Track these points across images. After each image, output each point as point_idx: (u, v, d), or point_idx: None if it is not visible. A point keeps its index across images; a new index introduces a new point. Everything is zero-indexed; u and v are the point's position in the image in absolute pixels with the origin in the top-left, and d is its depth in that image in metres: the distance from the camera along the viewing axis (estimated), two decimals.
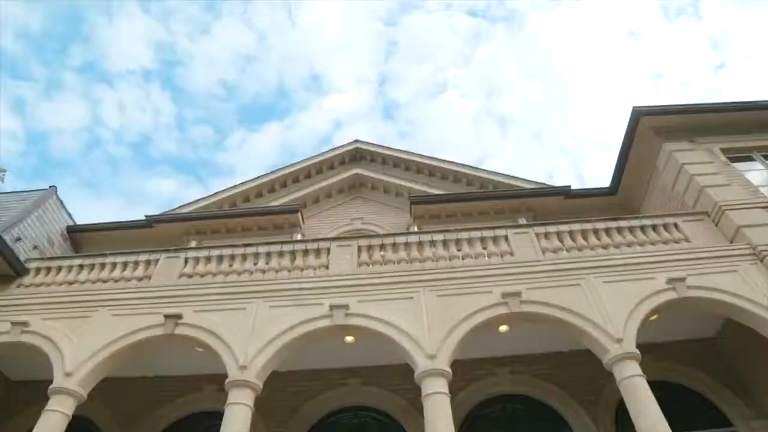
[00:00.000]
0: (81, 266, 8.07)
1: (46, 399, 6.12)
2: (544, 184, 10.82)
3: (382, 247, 7.85)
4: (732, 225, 7.43)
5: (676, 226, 7.80)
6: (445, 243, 7.79)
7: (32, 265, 8.13)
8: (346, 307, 6.68)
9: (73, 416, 6.26)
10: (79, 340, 6.67)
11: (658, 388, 7.44)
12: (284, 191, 11.95)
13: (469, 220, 10.55)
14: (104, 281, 7.77)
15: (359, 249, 7.81)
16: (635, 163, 9.80)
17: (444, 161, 11.87)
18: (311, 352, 7.26)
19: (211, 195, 11.48)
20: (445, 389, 5.76)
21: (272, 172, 11.97)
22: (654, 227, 7.79)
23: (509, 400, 7.61)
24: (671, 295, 6.50)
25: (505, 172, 11.18)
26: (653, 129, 9.30)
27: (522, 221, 10.12)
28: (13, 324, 6.86)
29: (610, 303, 6.42)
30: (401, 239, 7.93)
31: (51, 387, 6.15)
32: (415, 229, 10.38)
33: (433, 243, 7.79)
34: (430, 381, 5.81)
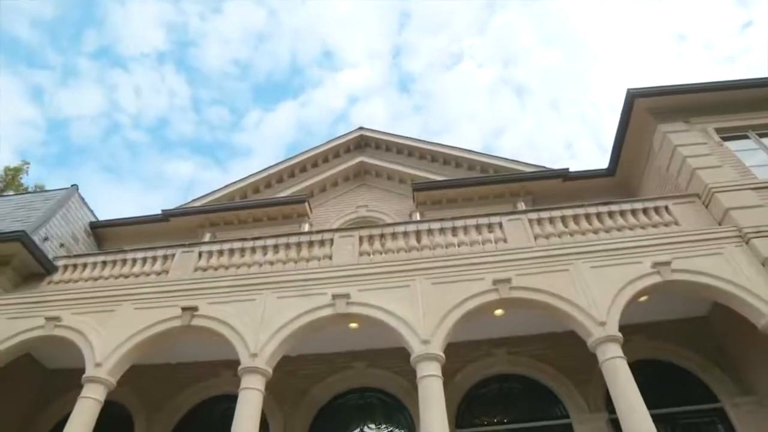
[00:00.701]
0: (104, 262, 8.69)
1: (80, 386, 6.79)
2: (544, 167, 11.04)
3: (382, 236, 8.27)
4: (720, 207, 7.62)
5: (666, 209, 8.02)
6: (441, 231, 8.17)
7: (60, 262, 8.79)
8: (347, 296, 7.15)
9: (106, 402, 6.94)
10: (106, 333, 7.31)
11: (648, 366, 7.95)
12: (292, 181, 12.41)
13: (469, 204, 10.90)
14: (126, 276, 8.38)
15: (360, 239, 8.25)
16: (632, 145, 9.95)
17: (446, 146, 12.15)
18: (319, 337, 7.75)
19: (222, 188, 12.00)
20: (438, 372, 6.22)
21: (280, 162, 12.42)
22: (645, 210, 8.03)
23: (505, 380, 8.08)
24: (656, 279, 6.79)
25: (505, 156, 11.47)
26: (648, 110, 9.42)
27: (521, 205, 10.42)
28: (47, 319, 7.52)
29: (596, 287, 6.75)
30: (400, 228, 8.35)
31: (84, 376, 6.81)
32: (418, 215, 10.77)
33: (430, 231, 8.18)
34: (424, 365, 6.29)
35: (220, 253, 8.51)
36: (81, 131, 62.44)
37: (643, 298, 7.07)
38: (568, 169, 10.68)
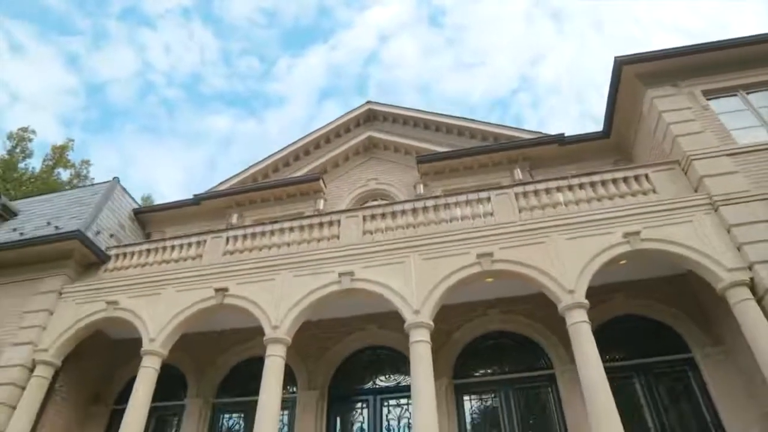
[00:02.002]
0: (148, 250, 10.11)
1: (140, 354, 8.34)
2: (541, 132, 11.51)
3: (383, 215, 9.23)
4: (696, 175, 8.06)
5: (646, 177, 8.53)
6: (435, 208, 9.04)
7: (112, 252, 10.28)
8: (351, 273, 8.27)
9: (163, 364, 8.52)
10: (155, 313, 8.78)
11: (628, 321, 8.78)
12: (307, 158, 13.39)
13: (470, 173, 11.62)
14: (167, 262, 9.77)
15: (364, 218, 9.26)
16: (623, 109, 10.27)
17: (449, 116, 12.72)
18: (336, 304, 8.94)
19: (245, 169, 13.16)
20: (427, 338, 7.33)
21: (295, 142, 13.39)
22: (625, 179, 8.58)
23: (499, 336, 9.11)
24: (625, 248, 7.46)
25: (505, 124, 11.95)
26: (637, 75, 9.66)
27: (517, 172, 11.05)
28: (108, 303, 9.06)
29: (568, 258, 7.54)
30: (398, 207, 9.27)
31: (142, 350, 8.35)
32: (422, 186, 11.60)
33: (425, 209, 9.07)
34: (415, 331, 7.40)
35: (244, 237, 9.73)
36: (118, 94, 64.80)
37: (622, 262, 7.82)
38: (563, 134, 11.13)
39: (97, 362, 10.04)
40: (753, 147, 8.17)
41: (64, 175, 35.34)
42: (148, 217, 12.99)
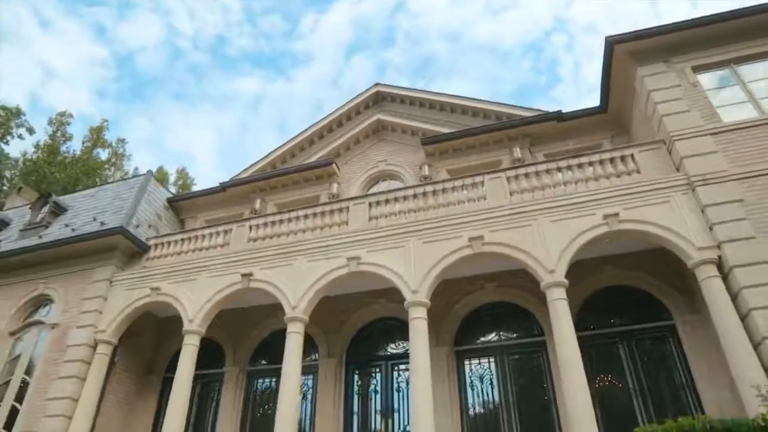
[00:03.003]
0: (182, 240, 11.37)
1: (182, 331, 9.71)
2: (540, 110, 11.92)
3: (387, 201, 10.10)
4: (678, 155, 8.50)
5: (632, 157, 9.01)
6: (434, 193, 9.83)
7: (151, 242, 11.60)
8: (358, 258, 9.26)
9: (204, 338, 9.90)
10: (192, 297, 10.09)
11: (615, 291, 9.48)
12: (322, 142, 14.24)
13: (472, 151, 12.24)
14: (200, 250, 11.01)
15: (370, 205, 10.15)
16: (618, 86, 10.54)
17: (453, 96, 13.22)
18: (351, 282, 9.96)
19: (265, 156, 14.17)
20: (424, 315, 8.31)
21: (309, 127, 14.23)
22: (612, 160, 9.10)
23: (496, 307, 10.00)
24: (604, 230, 8.09)
25: (507, 102, 12.33)
26: (629, 54, 9.90)
27: (516, 150, 11.59)
28: (151, 289, 10.43)
29: (551, 240, 8.26)
30: (401, 193, 10.10)
31: (183, 329, 9.71)
32: (427, 166, 12.32)
33: (425, 194, 9.87)
34: (413, 309, 8.39)
35: (265, 225, 10.83)
36: (147, 62, 66.44)
37: (607, 240, 8.49)
38: (561, 111, 11.52)
39: (148, 338, 11.57)
40: (735, 125, 8.46)
41: (103, 154, 37.51)
42: (181, 205, 14.27)
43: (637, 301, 9.27)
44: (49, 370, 9.97)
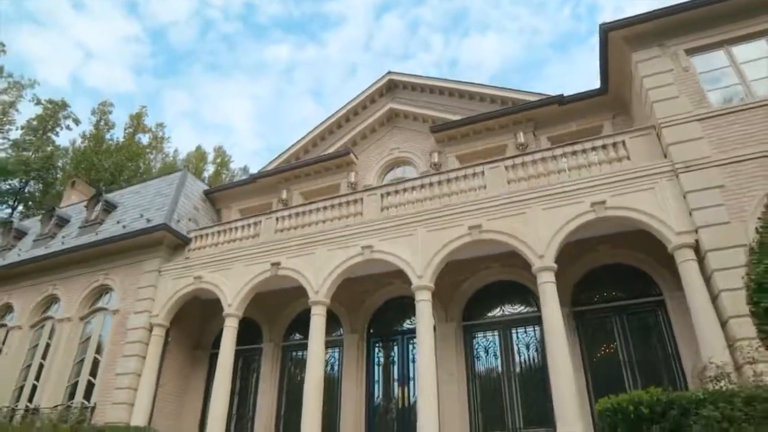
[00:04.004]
0: (219, 232, 12.71)
1: (223, 312, 11.14)
2: (543, 94, 12.38)
3: (396, 192, 11.02)
4: (665, 142, 9.00)
5: (623, 144, 9.53)
6: (439, 183, 10.66)
7: (192, 234, 13.01)
8: (371, 246, 10.32)
9: (244, 318, 11.34)
10: (230, 284, 11.46)
11: (611, 269, 10.18)
12: (340, 131, 15.16)
13: (479, 136, 12.90)
14: (234, 241, 12.33)
15: (382, 196, 11.11)
16: (615, 70, 10.89)
17: (461, 82, 13.79)
18: (366, 267, 11.07)
19: (288, 148, 15.29)
20: (428, 298, 9.34)
21: (327, 118, 15.17)
22: (604, 146, 9.64)
23: (499, 284, 10.91)
24: (590, 217, 8.77)
25: (513, 87, 12.84)
26: (623, 39, 10.21)
27: (520, 135, 12.18)
28: (194, 278, 11.87)
29: (542, 227, 9.03)
30: (409, 184, 11.00)
31: (224, 313, 11.14)
32: (436, 154, 13.08)
33: (431, 185, 10.73)
34: (419, 292, 9.43)
35: (290, 216, 11.99)
36: (179, 35, 68.16)
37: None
38: (563, 94, 11.96)
39: (195, 319, 13.15)
40: (722, 110, 8.79)
41: (144, 139, 39.61)
42: (216, 196, 15.63)
43: (630, 278, 9.96)
44: (115, 350, 11.69)
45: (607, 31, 10.17)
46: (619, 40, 10.27)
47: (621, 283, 10.07)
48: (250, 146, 66.39)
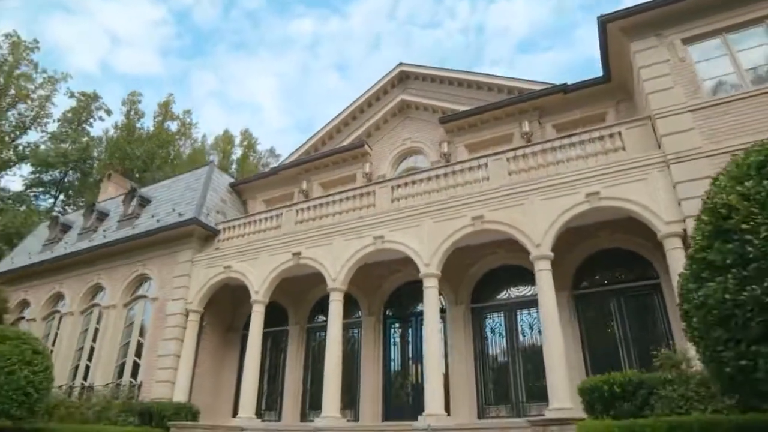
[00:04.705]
0: (244, 224, 13.71)
1: (251, 298, 12.21)
2: (548, 83, 12.72)
3: (406, 184, 11.72)
4: (658, 133, 9.39)
5: (619, 134, 9.94)
6: (445, 175, 11.30)
7: (220, 226, 14.05)
8: (382, 237, 11.11)
9: (271, 302, 12.39)
10: (256, 272, 12.48)
11: (611, 253, 10.70)
12: (355, 123, 15.83)
13: (487, 126, 13.39)
14: (258, 232, 13.31)
15: (392, 188, 11.84)
16: (616, 59, 11.18)
17: (469, 72, 14.23)
18: (378, 256, 11.89)
19: (307, 141, 16.13)
20: (435, 284, 10.13)
21: (342, 111, 15.85)
22: (601, 138, 10.08)
23: (505, 269, 11.57)
24: (585, 207, 9.32)
25: (520, 77, 13.23)
26: (621, 30, 10.49)
27: (525, 124, 12.62)
28: (224, 267, 12.94)
29: (540, 217, 9.62)
30: (417, 176, 11.68)
31: (251, 299, 12.20)
32: (446, 144, 13.64)
33: (437, 177, 11.38)
34: (426, 279, 10.23)
35: (308, 209, 12.85)
36: (203, 15, 69.14)
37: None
38: (566, 83, 12.30)
39: (226, 303, 14.30)
40: (714, 101, 9.10)
41: (173, 126, 41.01)
42: (242, 188, 16.64)
43: (628, 262, 10.49)
44: (156, 333, 12.96)
45: (604, 22, 10.46)
46: (617, 31, 10.55)
47: (619, 267, 10.61)
48: (276, 124, 67.59)
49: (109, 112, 38.16)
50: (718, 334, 3.30)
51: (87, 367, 14.00)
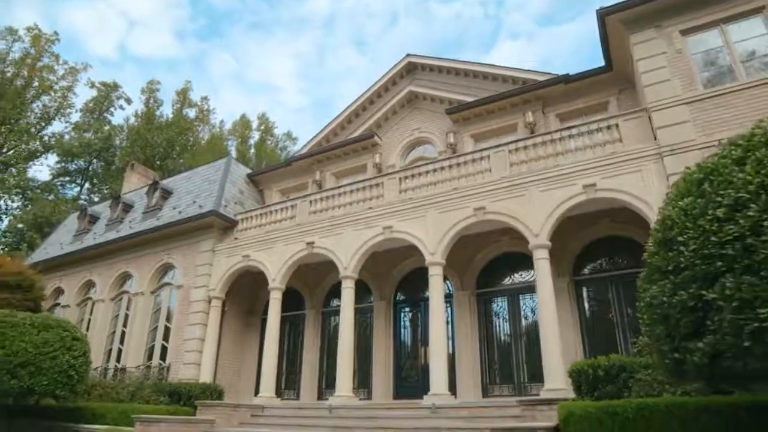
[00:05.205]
0: (261, 214, 14.42)
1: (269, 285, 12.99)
2: (551, 73, 12.99)
3: (413, 176, 12.23)
4: (654, 126, 9.70)
5: (617, 126, 10.27)
6: (450, 167, 11.77)
7: (239, 217, 14.79)
8: (390, 227, 11.70)
9: (288, 288, 13.17)
10: (272, 261, 13.23)
11: (611, 240, 11.12)
12: (365, 114, 16.30)
13: (492, 116, 13.75)
14: (274, 222, 14.01)
15: (400, 180, 12.37)
16: (617, 50, 11.40)
17: (474, 63, 14.52)
18: (386, 245, 12.50)
19: (319, 132, 16.65)
20: (440, 272, 10.71)
21: (353, 102, 16.34)
22: (599, 129, 10.41)
23: (508, 256, 12.08)
24: (582, 198, 9.74)
25: (523, 67, 13.50)
26: (620, 22, 10.71)
27: (529, 115, 12.95)
28: (243, 256, 13.71)
29: (539, 208, 10.08)
30: (423, 168, 12.18)
31: (269, 287, 12.97)
32: (452, 134, 14.06)
33: (442, 168, 11.86)
34: (431, 267, 10.81)
35: (321, 200, 13.48)
36: None
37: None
38: (568, 74, 12.56)
39: (247, 289, 15.12)
40: (709, 94, 9.34)
41: (191, 113, 41.88)
42: (258, 178, 17.34)
43: (627, 249, 10.90)
44: (182, 318, 13.88)
45: (603, 16, 10.69)
46: (616, 23, 10.77)
47: (618, 253, 11.05)
48: (294, 103, 68.09)
49: (128, 101, 39.21)
50: (659, 331, 3.84)
51: (119, 350, 15.06)
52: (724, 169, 3.58)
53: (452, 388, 10.82)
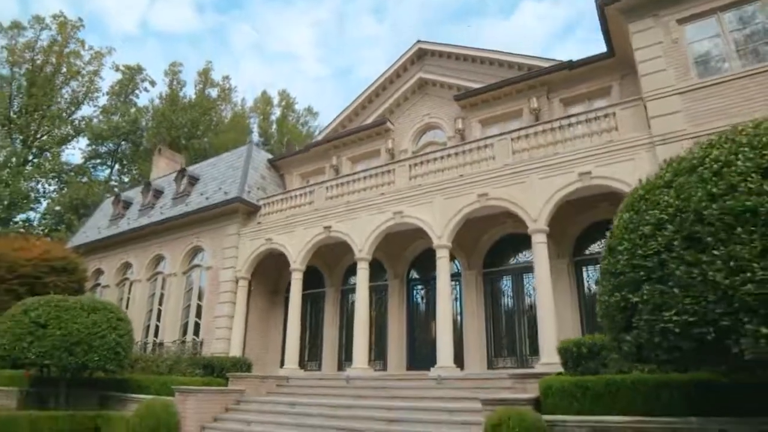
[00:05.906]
0: (282, 199, 15.38)
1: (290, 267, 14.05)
2: (555, 60, 13.34)
3: (421, 163, 12.94)
4: (648, 115, 10.12)
5: (614, 115, 10.72)
6: (456, 154, 12.43)
7: (261, 202, 15.79)
8: (401, 212, 12.51)
9: (309, 267, 14.21)
10: (294, 244, 14.23)
11: (611, 223, 11.62)
12: (378, 100, 16.92)
13: (498, 102, 14.24)
14: (294, 207, 14.95)
15: (410, 166, 13.09)
16: (618, 38, 11.69)
17: (483, 50, 14.92)
18: (401, 227, 13.36)
19: (335, 119, 17.44)
20: (446, 255, 11.53)
21: (366, 89, 16.96)
22: (596, 118, 10.88)
23: (512, 237, 12.77)
24: (577, 186, 10.34)
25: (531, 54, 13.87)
26: (620, 11, 10.99)
27: (534, 101, 13.40)
28: (266, 239, 14.76)
29: (538, 194, 10.72)
30: (431, 155, 12.86)
31: (290, 267, 14.02)
32: (461, 120, 14.61)
33: (448, 156, 12.53)
34: (438, 250, 11.64)
35: (337, 185, 14.32)
36: None
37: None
38: (572, 60, 12.92)
39: (271, 270, 16.23)
40: (700, 84, 9.66)
41: (213, 92, 42.83)
42: (279, 164, 18.27)
43: None
44: (212, 297, 15.11)
45: (602, 5, 10.99)
46: (615, 12, 11.05)
47: None
48: (314, 73, 68.37)
49: (153, 83, 40.29)
50: (606, 322, 4.62)
51: (156, 327, 16.48)
52: (656, 190, 4.26)
53: (460, 360, 11.82)
